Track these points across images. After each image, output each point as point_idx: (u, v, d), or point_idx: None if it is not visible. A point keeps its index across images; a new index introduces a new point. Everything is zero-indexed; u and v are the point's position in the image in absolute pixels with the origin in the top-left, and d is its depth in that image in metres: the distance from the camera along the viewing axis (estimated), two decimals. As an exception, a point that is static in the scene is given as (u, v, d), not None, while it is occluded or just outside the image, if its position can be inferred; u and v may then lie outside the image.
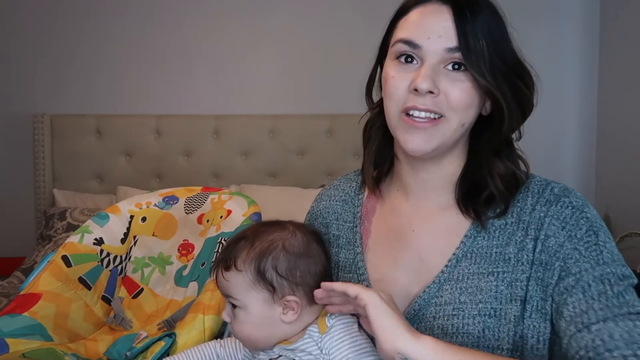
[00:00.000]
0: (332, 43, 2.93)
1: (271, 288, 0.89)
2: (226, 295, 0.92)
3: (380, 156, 1.01)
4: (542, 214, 0.89)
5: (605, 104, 2.95)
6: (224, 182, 2.90)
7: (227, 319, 0.93)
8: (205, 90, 2.98)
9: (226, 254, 0.92)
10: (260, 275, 0.89)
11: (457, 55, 0.85)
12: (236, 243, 0.93)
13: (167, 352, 1.07)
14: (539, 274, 0.87)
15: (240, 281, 0.89)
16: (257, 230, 0.95)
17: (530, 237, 0.88)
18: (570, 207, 0.88)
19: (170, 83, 2.97)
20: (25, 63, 2.93)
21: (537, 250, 0.87)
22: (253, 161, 2.96)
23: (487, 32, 0.86)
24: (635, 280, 0.83)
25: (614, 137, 2.87)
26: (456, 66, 0.86)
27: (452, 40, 0.85)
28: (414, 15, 0.89)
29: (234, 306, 0.91)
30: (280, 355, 0.90)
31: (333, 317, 0.90)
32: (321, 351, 0.87)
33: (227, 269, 0.90)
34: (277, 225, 0.96)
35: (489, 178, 0.91)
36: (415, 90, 0.85)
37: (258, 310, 0.89)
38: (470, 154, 0.95)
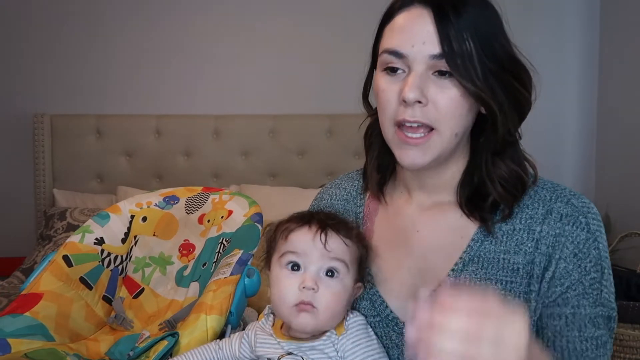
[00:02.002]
0: (332, 43, 2.93)
1: (361, 271, 0.92)
2: (338, 259, 0.89)
3: (382, 161, 0.99)
4: (557, 230, 0.86)
5: (605, 104, 2.95)
6: (224, 182, 2.90)
7: (314, 285, 0.87)
8: (205, 90, 2.98)
9: (347, 223, 0.94)
10: (362, 257, 0.92)
11: (443, 62, 0.82)
12: (345, 219, 0.96)
13: (169, 352, 1.07)
14: (543, 290, 0.87)
15: (353, 253, 0.91)
16: (341, 217, 0.97)
17: (540, 251, 0.87)
18: (586, 231, 0.86)
19: (171, 83, 2.97)
20: (26, 63, 2.92)
21: (550, 269, 0.86)
22: (253, 161, 2.96)
23: (475, 32, 0.81)
24: (615, 313, 0.88)
25: (614, 136, 2.87)
26: (443, 73, 0.83)
27: (435, 47, 0.81)
28: (398, 21, 0.86)
29: (328, 274, 0.89)
30: (290, 353, 0.89)
31: (350, 319, 0.91)
32: (337, 352, 0.87)
33: (349, 237, 0.91)
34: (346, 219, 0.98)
35: (489, 182, 0.89)
36: (404, 101, 0.83)
37: (348, 286, 0.90)
38: (472, 152, 0.93)
